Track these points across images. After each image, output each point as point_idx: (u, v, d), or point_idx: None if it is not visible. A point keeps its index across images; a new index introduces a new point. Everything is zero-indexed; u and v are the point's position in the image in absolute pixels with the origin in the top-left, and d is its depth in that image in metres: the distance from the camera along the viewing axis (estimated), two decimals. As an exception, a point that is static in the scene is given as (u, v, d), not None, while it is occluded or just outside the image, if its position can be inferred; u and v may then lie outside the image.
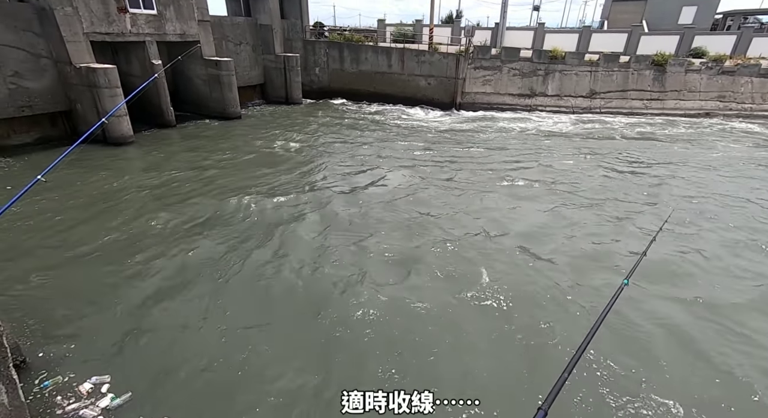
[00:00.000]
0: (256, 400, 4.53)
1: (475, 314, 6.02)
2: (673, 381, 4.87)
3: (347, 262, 7.29)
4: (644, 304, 6.24)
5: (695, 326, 5.84)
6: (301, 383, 4.77)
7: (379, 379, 4.82)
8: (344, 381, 4.65)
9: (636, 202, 10.41)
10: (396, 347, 5.31)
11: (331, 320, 5.83)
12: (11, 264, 6.93)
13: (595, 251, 7.90)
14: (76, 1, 12.71)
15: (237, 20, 21.05)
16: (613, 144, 16.56)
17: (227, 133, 16.41)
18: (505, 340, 5.52)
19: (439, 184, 11.28)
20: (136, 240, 7.84)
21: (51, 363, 4.96)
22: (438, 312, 6.02)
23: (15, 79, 12.54)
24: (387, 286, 6.61)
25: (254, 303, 6.22)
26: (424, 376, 4.86)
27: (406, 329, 5.65)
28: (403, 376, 4.87)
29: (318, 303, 6.20)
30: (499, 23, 30.57)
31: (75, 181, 10.50)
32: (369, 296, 6.31)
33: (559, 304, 6.27)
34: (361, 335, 5.54)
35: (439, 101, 22.98)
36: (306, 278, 6.83)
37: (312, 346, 5.37)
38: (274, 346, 5.35)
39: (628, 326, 5.76)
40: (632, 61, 22.95)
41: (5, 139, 13.05)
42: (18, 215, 8.39)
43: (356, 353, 5.24)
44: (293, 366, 5.01)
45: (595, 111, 23.14)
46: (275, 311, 6.07)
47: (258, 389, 4.68)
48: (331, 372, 4.92)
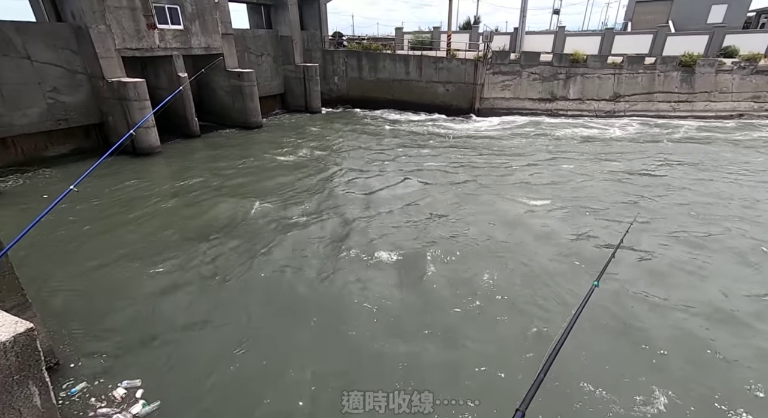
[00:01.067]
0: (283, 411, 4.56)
1: (463, 317, 6.10)
2: (642, 376, 4.98)
3: (359, 267, 7.32)
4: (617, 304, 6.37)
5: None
6: (320, 385, 4.79)
7: (377, 378, 4.90)
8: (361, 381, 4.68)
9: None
10: (392, 346, 5.28)
11: (348, 327, 5.85)
12: (46, 269, 7.26)
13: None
14: (110, 20, 13.40)
15: (259, 32, 21.68)
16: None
17: (249, 142, 16.82)
18: (488, 342, 5.57)
19: (451, 189, 11.19)
20: (165, 247, 8.09)
21: (83, 366, 5.14)
22: (435, 314, 6.12)
23: (53, 94, 13.28)
24: (391, 287, 6.59)
25: (278, 308, 6.31)
26: (415, 376, 4.89)
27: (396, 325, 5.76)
28: (394, 376, 4.92)
29: (337, 311, 6.23)
30: (518, 28, 30.28)
31: (105, 191, 10.97)
32: (376, 296, 6.31)
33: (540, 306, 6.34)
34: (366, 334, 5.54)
35: (457, 107, 22.89)
36: (326, 284, 6.88)
37: (333, 352, 5.39)
38: (301, 352, 5.40)
39: (601, 325, 5.86)
40: (658, 62, 22.26)
41: (43, 150, 13.79)
42: (53, 223, 8.80)
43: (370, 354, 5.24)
44: (315, 373, 5.03)
45: (620, 114, 22.50)
46: (299, 315, 6.13)
47: (285, 401, 4.68)
48: (348, 373, 4.93)
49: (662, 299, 6.52)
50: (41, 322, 4.94)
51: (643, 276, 7.15)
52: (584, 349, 5.32)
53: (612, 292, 6.59)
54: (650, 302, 6.44)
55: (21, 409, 2.53)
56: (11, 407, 2.47)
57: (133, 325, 5.92)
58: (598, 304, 6.15)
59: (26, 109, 12.72)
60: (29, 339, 2.55)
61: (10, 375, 2.45)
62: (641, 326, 5.89)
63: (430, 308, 6.28)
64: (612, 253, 3.25)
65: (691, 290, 6.82)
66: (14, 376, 2.47)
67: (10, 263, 4.52)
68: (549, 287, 6.80)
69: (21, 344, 2.50)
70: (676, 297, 6.55)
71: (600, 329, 5.79)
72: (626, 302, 6.43)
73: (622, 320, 6.03)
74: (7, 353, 2.42)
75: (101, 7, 13.04)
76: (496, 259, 7.70)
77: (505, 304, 6.38)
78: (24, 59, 12.40)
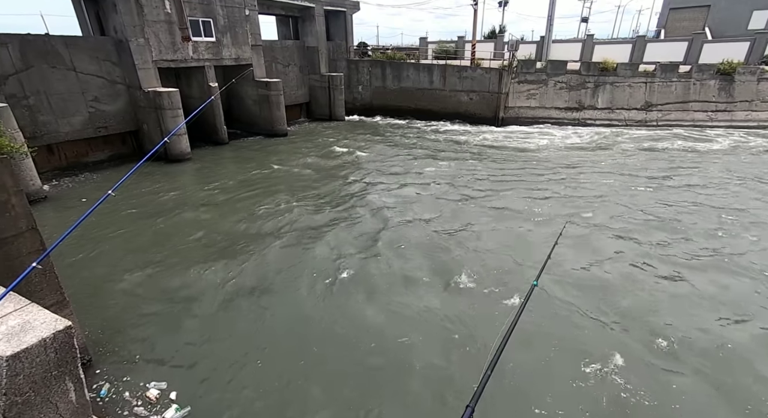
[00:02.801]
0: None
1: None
2: (579, 367, 5.28)
3: (379, 272, 7.30)
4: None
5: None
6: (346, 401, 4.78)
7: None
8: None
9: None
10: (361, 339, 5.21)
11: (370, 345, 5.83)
12: (82, 269, 7.63)
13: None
14: (148, 33, 14.16)
15: (286, 43, 22.34)
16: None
17: (275, 150, 17.23)
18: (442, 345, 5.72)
19: (473, 201, 11.04)
20: (198, 251, 8.37)
21: (113, 364, 5.34)
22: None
23: (94, 103, 14.09)
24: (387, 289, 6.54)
25: (309, 314, 6.38)
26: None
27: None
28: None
29: (364, 329, 6.22)
30: (544, 36, 29.91)
31: (140, 195, 11.48)
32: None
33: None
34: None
35: (480, 116, 22.72)
36: (360, 300, 6.89)
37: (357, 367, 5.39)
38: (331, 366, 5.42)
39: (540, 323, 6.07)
40: (694, 70, 21.41)
41: (84, 156, 14.60)
42: (90, 224, 9.26)
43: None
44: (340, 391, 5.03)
45: (651, 124, 21.72)
46: (336, 324, 6.16)
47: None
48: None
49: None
50: (76, 320, 5.18)
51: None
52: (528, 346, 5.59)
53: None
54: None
55: (58, 403, 2.64)
56: (49, 401, 2.59)
57: (163, 328, 6.08)
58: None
59: (70, 117, 13.53)
60: (67, 336, 2.67)
61: (49, 371, 2.57)
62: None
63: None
64: (548, 254, 3.35)
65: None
66: (53, 371, 2.59)
67: (51, 262, 4.78)
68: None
69: (60, 341, 2.62)
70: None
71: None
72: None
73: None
74: (47, 349, 2.55)
75: (141, 22, 13.81)
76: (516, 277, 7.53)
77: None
78: (70, 71, 13.24)
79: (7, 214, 4.37)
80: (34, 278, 4.54)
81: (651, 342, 5.76)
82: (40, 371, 2.52)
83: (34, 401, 2.52)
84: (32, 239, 4.67)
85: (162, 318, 6.30)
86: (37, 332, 2.56)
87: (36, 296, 4.44)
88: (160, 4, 14.24)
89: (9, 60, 11.81)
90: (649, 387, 4.97)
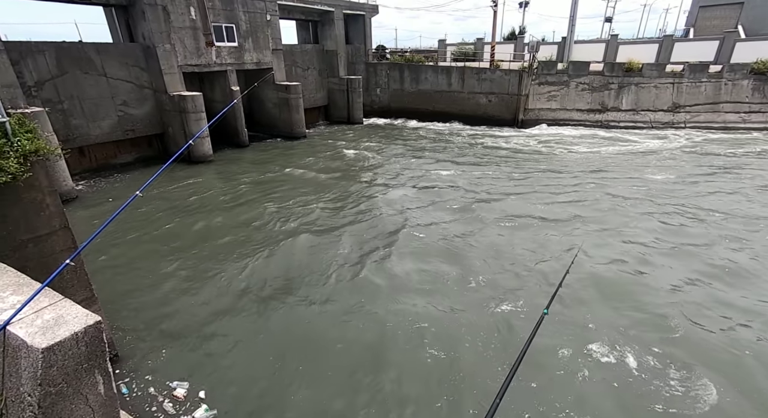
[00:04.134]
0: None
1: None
2: (594, 400, 4.88)
3: (396, 271, 7.29)
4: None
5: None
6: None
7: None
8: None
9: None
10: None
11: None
12: (109, 266, 7.92)
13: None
14: (174, 39, 14.64)
15: (306, 47, 22.69)
16: None
17: (294, 152, 17.50)
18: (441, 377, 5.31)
19: (485, 205, 10.90)
20: (221, 247, 8.58)
21: (139, 360, 5.51)
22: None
23: (123, 107, 14.64)
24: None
25: (342, 318, 6.41)
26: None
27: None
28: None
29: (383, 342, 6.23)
30: (566, 37, 29.34)
31: (165, 195, 11.84)
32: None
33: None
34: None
35: (499, 118, 22.46)
36: (388, 307, 6.91)
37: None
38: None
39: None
40: (725, 70, 20.58)
41: (112, 158, 15.18)
42: (118, 223, 9.59)
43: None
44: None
45: (679, 126, 20.97)
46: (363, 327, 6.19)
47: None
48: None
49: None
50: (104, 315, 5.38)
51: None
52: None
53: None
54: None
55: (88, 395, 2.75)
56: (80, 392, 2.70)
57: (187, 327, 6.20)
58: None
59: (101, 121, 14.11)
60: (97, 331, 2.78)
61: (80, 363, 2.68)
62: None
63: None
64: (559, 283, 3.31)
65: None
66: (83, 364, 2.70)
67: (81, 259, 4.99)
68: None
69: (90, 335, 2.73)
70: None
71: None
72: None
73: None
74: (78, 342, 2.66)
75: (168, 28, 14.30)
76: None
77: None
78: (101, 76, 13.81)
79: (42, 213, 4.58)
80: (66, 275, 4.74)
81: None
82: (72, 364, 2.63)
83: (66, 393, 2.63)
84: (64, 236, 4.89)
85: (186, 315, 6.45)
86: (70, 326, 2.67)
87: (67, 292, 4.63)
88: (185, 11, 14.71)
89: (46, 67, 12.42)
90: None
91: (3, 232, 4.26)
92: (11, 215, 4.30)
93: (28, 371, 2.51)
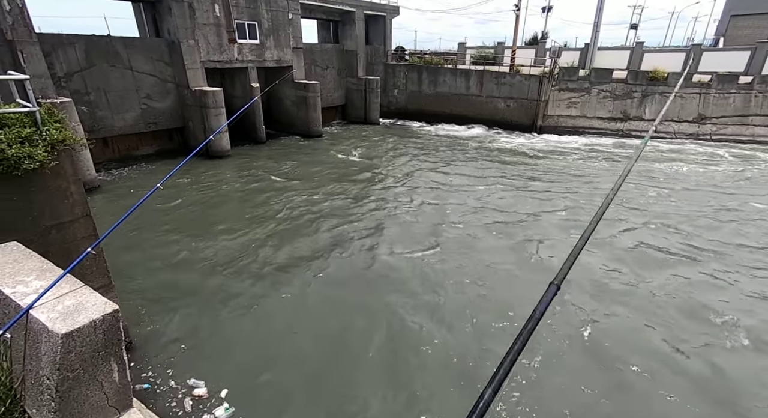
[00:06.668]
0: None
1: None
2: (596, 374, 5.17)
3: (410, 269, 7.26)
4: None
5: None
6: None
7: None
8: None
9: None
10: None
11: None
12: (126, 255, 8.08)
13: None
14: (198, 35, 14.91)
15: (326, 47, 22.84)
16: None
17: (310, 150, 17.62)
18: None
19: (493, 202, 10.76)
20: (238, 241, 8.69)
21: (153, 349, 5.59)
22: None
23: (146, 100, 14.99)
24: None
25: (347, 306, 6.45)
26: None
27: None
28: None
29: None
30: (589, 43, 28.85)
31: (184, 188, 12.07)
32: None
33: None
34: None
35: (517, 124, 22.19)
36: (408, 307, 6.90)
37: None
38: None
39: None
40: (756, 81, 19.90)
41: (135, 150, 15.55)
42: (137, 214, 9.80)
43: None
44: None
45: (704, 138, 20.37)
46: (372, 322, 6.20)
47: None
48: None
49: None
50: (119, 303, 5.49)
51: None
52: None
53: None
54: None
55: (103, 382, 2.80)
56: (96, 379, 2.75)
57: (200, 320, 6.24)
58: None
59: (125, 113, 14.47)
60: (114, 319, 2.83)
61: (98, 350, 2.73)
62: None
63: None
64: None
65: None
66: (100, 351, 2.75)
67: (101, 247, 5.10)
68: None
69: (108, 323, 2.78)
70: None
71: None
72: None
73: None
74: (96, 329, 2.71)
75: (192, 25, 14.58)
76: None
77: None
78: (127, 70, 14.17)
79: (66, 200, 4.71)
80: (86, 262, 4.85)
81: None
82: (89, 350, 2.68)
83: (82, 378, 2.68)
84: (86, 224, 5.02)
85: (203, 306, 6.52)
86: (89, 313, 2.73)
87: (86, 279, 4.73)
88: (210, 8, 14.97)
89: (75, 59, 12.81)
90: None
91: (28, 217, 4.39)
92: (37, 201, 4.43)
93: (48, 355, 2.57)
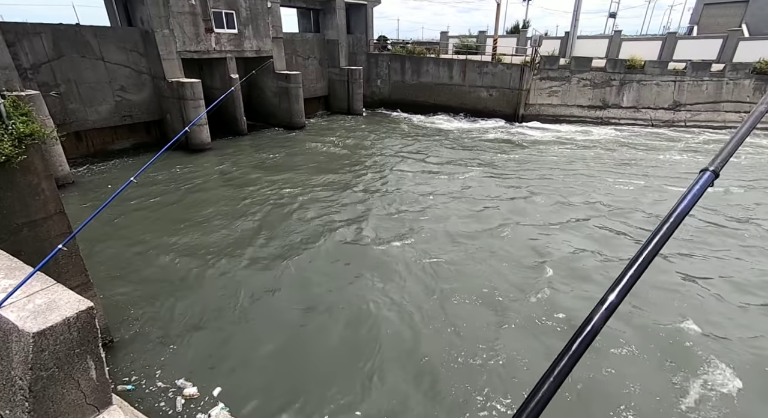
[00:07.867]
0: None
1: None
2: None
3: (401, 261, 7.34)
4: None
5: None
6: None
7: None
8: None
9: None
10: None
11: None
12: (106, 253, 7.90)
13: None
14: (173, 24, 14.42)
15: (307, 36, 22.42)
16: None
17: (293, 142, 17.40)
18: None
19: (477, 194, 10.92)
20: (220, 234, 8.57)
21: (136, 347, 5.52)
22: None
23: (121, 92, 14.49)
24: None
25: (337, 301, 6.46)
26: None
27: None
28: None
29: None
30: (569, 32, 29.10)
31: (161, 182, 11.79)
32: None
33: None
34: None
35: (500, 113, 22.36)
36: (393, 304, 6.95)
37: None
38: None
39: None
40: (728, 69, 20.49)
41: (110, 144, 15.07)
42: (113, 209, 9.57)
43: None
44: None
45: (679, 124, 20.94)
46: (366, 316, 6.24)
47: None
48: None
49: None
50: (100, 301, 5.39)
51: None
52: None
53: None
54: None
55: (79, 380, 2.76)
56: (71, 377, 2.71)
57: (186, 318, 6.14)
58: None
59: (98, 106, 13.97)
60: (89, 317, 2.78)
61: (72, 348, 2.69)
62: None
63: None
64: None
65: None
66: (75, 349, 2.71)
67: (76, 245, 4.98)
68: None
69: (82, 321, 2.73)
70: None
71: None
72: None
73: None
74: (70, 327, 2.66)
75: (167, 13, 14.08)
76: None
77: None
78: (99, 60, 13.64)
79: (37, 197, 4.56)
80: (60, 260, 4.73)
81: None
82: (63, 349, 2.64)
83: (57, 377, 2.64)
84: (60, 221, 4.87)
85: (184, 305, 6.45)
86: (62, 311, 2.67)
87: (62, 278, 4.63)
88: (185, -4, 14.47)
89: (42, 49, 12.25)
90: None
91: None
92: (6, 198, 4.27)
93: (19, 354, 2.52)
